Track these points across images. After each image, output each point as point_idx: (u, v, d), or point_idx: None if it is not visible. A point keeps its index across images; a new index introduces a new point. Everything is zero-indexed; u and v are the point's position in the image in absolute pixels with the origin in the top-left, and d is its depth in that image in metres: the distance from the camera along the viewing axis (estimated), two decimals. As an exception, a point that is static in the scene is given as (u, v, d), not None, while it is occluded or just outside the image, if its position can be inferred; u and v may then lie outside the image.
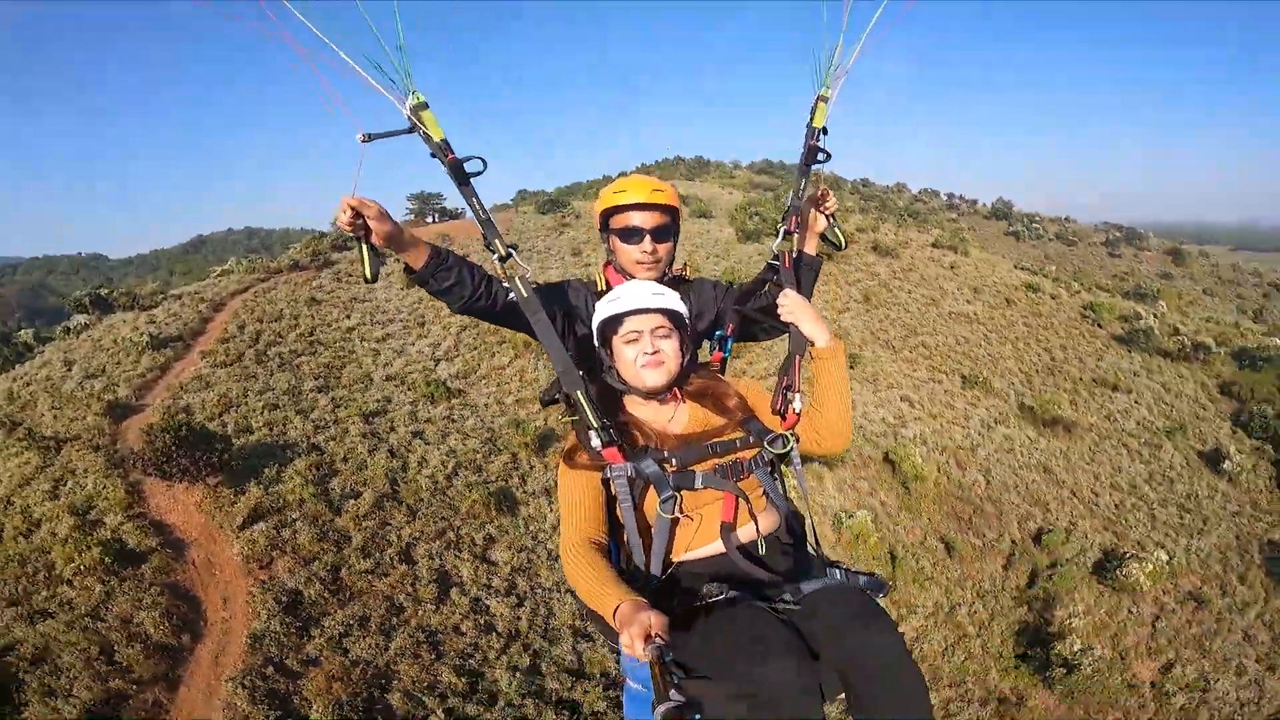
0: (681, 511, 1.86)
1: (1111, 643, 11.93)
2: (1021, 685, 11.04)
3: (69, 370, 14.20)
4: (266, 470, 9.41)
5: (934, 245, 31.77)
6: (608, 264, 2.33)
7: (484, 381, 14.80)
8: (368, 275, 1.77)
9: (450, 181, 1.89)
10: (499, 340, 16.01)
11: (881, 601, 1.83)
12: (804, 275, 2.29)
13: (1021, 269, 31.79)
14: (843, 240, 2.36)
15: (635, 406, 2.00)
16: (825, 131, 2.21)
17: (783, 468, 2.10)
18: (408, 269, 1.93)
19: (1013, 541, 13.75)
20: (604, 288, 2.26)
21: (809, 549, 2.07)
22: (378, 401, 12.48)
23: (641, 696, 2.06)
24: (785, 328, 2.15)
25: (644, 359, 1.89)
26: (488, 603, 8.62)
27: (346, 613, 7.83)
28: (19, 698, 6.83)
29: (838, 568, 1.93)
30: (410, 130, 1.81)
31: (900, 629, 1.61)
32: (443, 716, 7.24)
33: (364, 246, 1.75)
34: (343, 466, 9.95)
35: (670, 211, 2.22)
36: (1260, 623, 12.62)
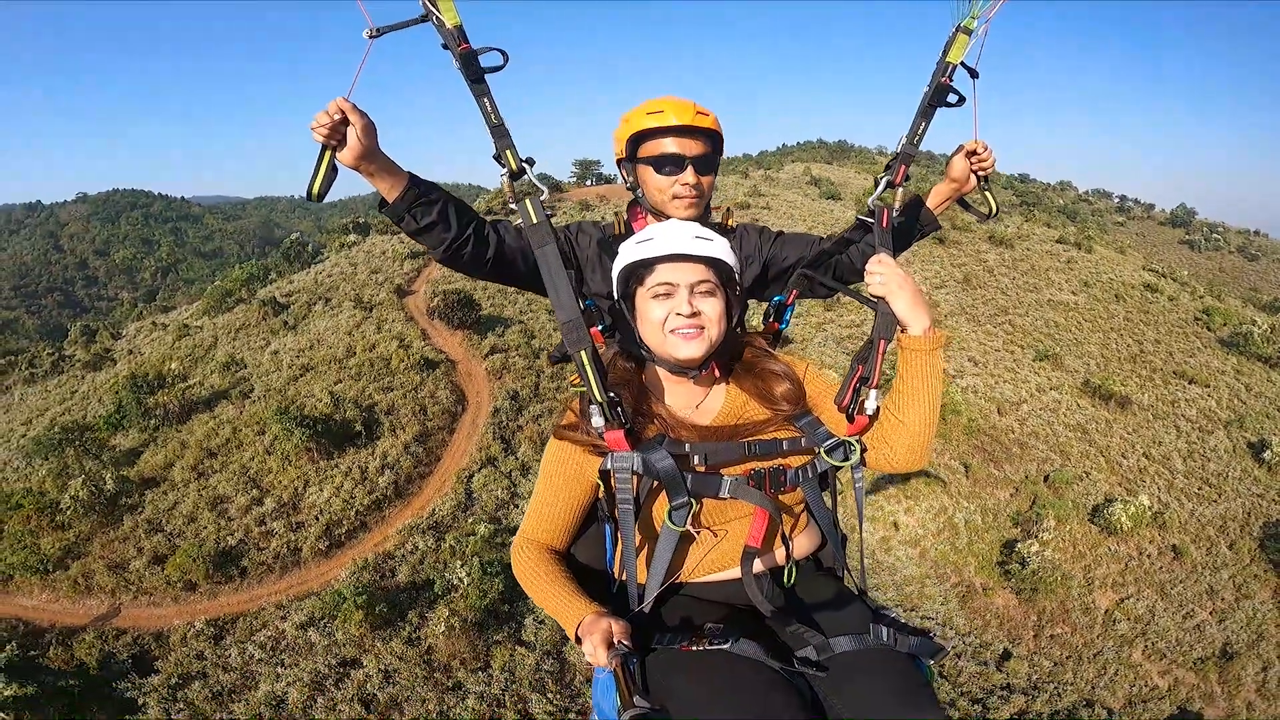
0: (697, 524, 1.47)
1: (1083, 572, 13.48)
2: (991, 582, 13.18)
3: (354, 269, 21.48)
4: (496, 328, 15.47)
5: (1058, 241, 32.81)
6: (633, 205, 1.97)
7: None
8: (315, 191, 1.42)
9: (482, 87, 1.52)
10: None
11: (932, 666, 1.46)
12: (911, 234, 1.98)
13: (1149, 270, 31.93)
14: (994, 206, 1.97)
15: (656, 381, 1.56)
16: (975, 74, 1.74)
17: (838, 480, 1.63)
18: (382, 203, 1.56)
19: (1025, 476, 16.79)
20: (621, 232, 1.87)
21: (853, 586, 1.64)
22: (557, 304, 18.40)
23: (611, 686, 1.50)
24: (855, 281, 1.75)
25: (677, 321, 1.44)
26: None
27: (540, 406, 13.57)
28: (376, 431, 13.11)
29: (884, 621, 1.46)
30: (423, 18, 1.49)
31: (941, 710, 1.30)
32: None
33: (327, 156, 1.41)
34: (539, 333, 15.80)
35: (715, 140, 1.84)
36: (1231, 582, 13.46)
